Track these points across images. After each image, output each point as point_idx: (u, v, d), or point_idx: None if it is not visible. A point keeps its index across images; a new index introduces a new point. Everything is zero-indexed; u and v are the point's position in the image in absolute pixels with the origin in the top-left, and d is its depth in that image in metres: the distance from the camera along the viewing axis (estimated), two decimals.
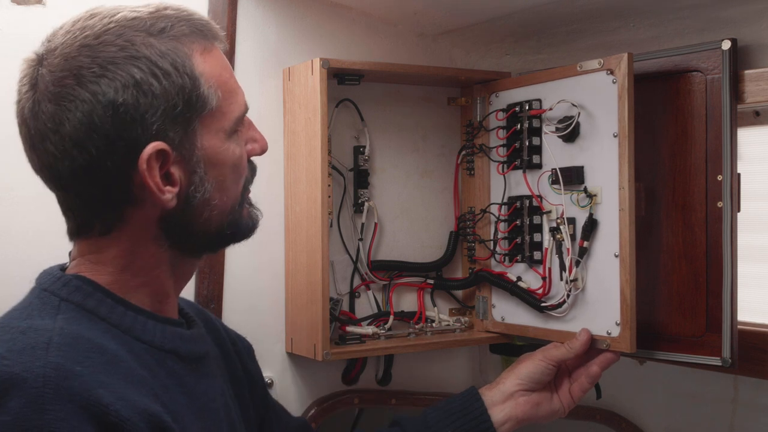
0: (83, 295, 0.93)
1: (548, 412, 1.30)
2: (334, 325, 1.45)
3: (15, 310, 0.94)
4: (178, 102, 0.90)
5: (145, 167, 0.89)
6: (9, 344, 0.83)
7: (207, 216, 0.97)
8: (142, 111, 0.89)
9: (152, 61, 0.89)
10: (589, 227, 1.32)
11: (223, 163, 0.96)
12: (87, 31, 0.90)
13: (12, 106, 1.29)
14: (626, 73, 1.26)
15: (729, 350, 1.24)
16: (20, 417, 0.77)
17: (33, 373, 0.80)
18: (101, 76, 0.88)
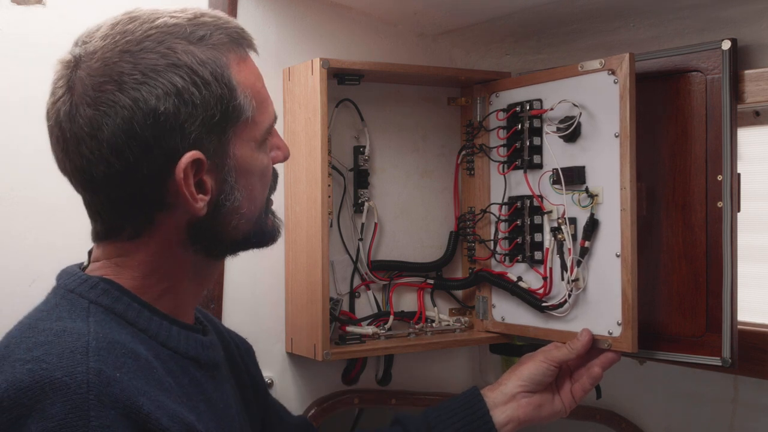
0: (112, 299, 0.92)
1: (550, 413, 1.30)
2: (334, 325, 1.45)
3: (41, 311, 0.92)
4: (216, 112, 0.90)
5: (182, 176, 0.89)
6: (45, 347, 0.82)
7: (235, 224, 0.97)
8: (182, 120, 0.88)
9: (193, 70, 0.89)
10: (591, 227, 1.32)
11: (253, 172, 0.97)
12: (128, 36, 0.90)
13: (12, 106, 1.29)
14: (628, 73, 1.26)
15: (729, 350, 1.24)
16: (65, 423, 0.77)
17: (76, 379, 0.79)
18: (143, 83, 0.87)
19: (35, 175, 1.30)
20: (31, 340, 0.85)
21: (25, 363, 0.81)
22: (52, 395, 0.78)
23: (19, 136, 1.29)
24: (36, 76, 1.29)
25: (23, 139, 1.29)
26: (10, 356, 0.83)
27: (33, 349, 0.83)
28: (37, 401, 0.78)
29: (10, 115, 1.29)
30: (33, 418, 0.77)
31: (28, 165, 1.30)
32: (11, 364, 0.82)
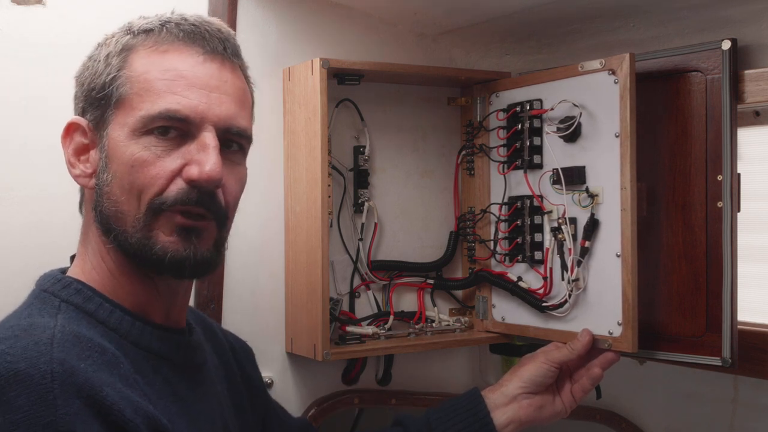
0: (83, 298, 0.93)
1: (551, 414, 1.30)
2: (334, 325, 1.45)
3: (16, 312, 0.95)
4: (95, 86, 0.97)
5: (62, 135, 1.00)
6: (11, 341, 0.83)
7: (112, 211, 0.94)
8: (78, 85, 1.01)
9: (102, 47, 0.99)
10: (591, 227, 1.32)
11: (120, 159, 0.94)
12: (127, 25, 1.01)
13: (12, 106, 1.29)
14: (628, 73, 1.26)
15: (729, 350, 1.24)
16: (32, 414, 0.77)
17: (39, 369, 0.79)
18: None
19: (35, 175, 1.30)
20: (1, 335, 0.85)
21: None
22: (16, 387, 0.78)
23: (19, 136, 1.29)
24: (36, 76, 1.30)
25: (23, 139, 1.29)
26: None
27: (0, 344, 0.83)
28: (2, 393, 0.78)
29: (10, 115, 1.29)
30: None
31: (28, 165, 1.30)
32: None
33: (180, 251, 0.94)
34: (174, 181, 0.93)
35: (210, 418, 1.02)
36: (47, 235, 1.30)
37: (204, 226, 0.96)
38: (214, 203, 0.96)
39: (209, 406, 1.03)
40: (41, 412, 0.77)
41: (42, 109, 1.30)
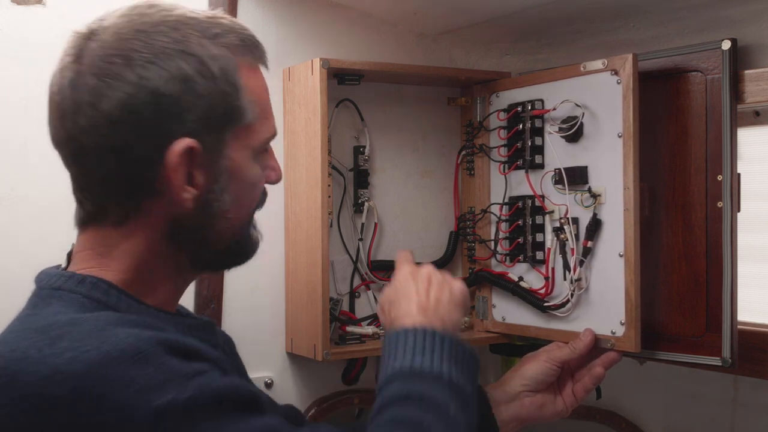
0: (101, 292, 0.92)
1: (552, 413, 1.30)
2: (334, 325, 1.45)
3: (31, 314, 0.90)
4: (218, 107, 0.91)
5: (174, 161, 0.89)
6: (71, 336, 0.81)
7: (219, 228, 0.96)
8: (183, 106, 0.89)
9: (202, 61, 0.90)
10: (593, 227, 1.32)
11: (244, 179, 0.97)
12: (145, 18, 0.91)
13: (12, 106, 1.29)
14: (631, 73, 1.26)
15: (729, 350, 1.24)
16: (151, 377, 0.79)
17: (128, 343, 0.80)
18: (151, 63, 0.88)
19: (35, 175, 1.30)
20: (44, 336, 0.82)
21: (60, 355, 0.79)
22: (118, 365, 0.78)
23: (20, 136, 1.29)
24: (36, 76, 1.30)
25: (23, 139, 1.29)
26: (30, 359, 0.80)
27: (56, 343, 0.81)
28: (104, 377, 0.78)
29: (10, 115, 1.29)
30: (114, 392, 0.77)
31: (28, 165, 1.30)
32: (40, 363, 0.79)
33: (258, 241, 1.04)
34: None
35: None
36: (47, 235, 1.31)
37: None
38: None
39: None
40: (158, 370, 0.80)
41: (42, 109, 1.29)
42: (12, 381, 0.80)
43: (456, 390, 0.96)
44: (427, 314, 1.04)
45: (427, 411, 0.92)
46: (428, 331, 1.00)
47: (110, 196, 0.93)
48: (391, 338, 0.99)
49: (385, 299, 1.08)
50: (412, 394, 0.93)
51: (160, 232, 0.94)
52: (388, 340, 1.00)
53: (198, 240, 0.96)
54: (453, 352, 0.99)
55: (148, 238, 0.94)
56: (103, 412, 0.77)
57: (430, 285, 1.08)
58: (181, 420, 0.78)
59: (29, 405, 0.78)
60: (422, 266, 1.09)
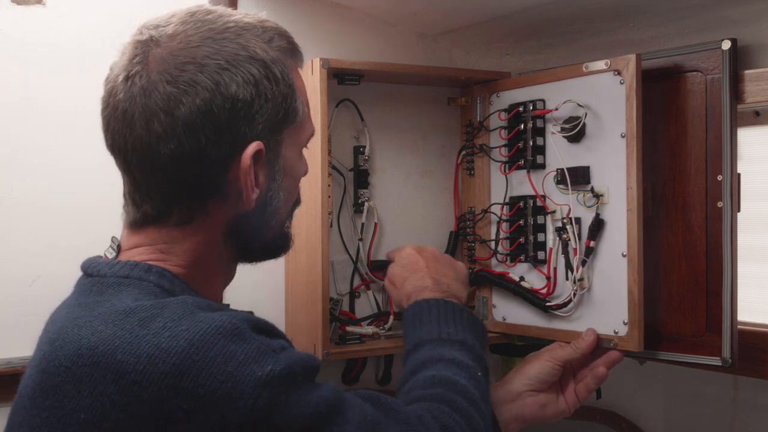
0: (168, 281, 0.93)
1: (554, 413, 1.30)
2: (334, 325, 1.45)
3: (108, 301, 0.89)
4: (280, 109, 0.95)
5: (246, 164, 0.92)
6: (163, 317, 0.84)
7: (273, 224, 1.01)
8: (255, 110, 0.92)
9: (267, 66, 0.94)
10: (596, 227, 1.32)
11: (294, 176, 1.03)
12: (209, 24, 0.93)
13: (12, 106, 1.29)
14: (634, 73, 1.26)
15: (729, 350, 1.24)
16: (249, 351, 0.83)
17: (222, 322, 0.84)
18: (225, 69, 0.91)
19: (35, 175, 1.30)
20: (133, 319, 0.84)
21: (158, 334, 0.82)
22: (216, 341, 0.82)
23: (20, 136, 1.29)
24: (36, 76, 1.30)
25: (24, 139, 1.29)
26: (124, 340, 0.82)
27: (148, 324, 0.83)
28: (207, 352, 0.81)
29: (10, 115, 1.29)
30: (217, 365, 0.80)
31: (28, 165, 1.30)
32: (138, 343, 0.81)
33: (291, 236, 1.09)
34: None
35: None
36: (47, 235, 1.31)
37: None
38: None
39: None
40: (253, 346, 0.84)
41: (42, 109, 1.30)
42: (104, 362, 0.81)
43: (478, 355, 1.11)
44: (442, 288, 1.20)
45: (460, 370, 1.05)
46: (448, 303, 1.15)
47: (178, 199, 0.94)
48: (415, 309, 1.13)
49: (396, 275, 1.22)
50: (444, 356, 1.07)
51: (220, 230, 0.97)
52: (412, 311, 1.14)
53: (254, 236, 1.00)
54: (470, 322, 1.14)
55: (209, 235, 0.97)
56: (211, 382, 0.80)
57: (438, 262, 1.24)
58: (277, 389, 0.82)
59: (130, 382, 0.80)
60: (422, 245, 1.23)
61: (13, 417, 0.89)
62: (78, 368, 0.82)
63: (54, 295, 0.98)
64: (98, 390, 0.81)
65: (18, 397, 0.90)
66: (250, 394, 0.80)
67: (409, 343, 1.12)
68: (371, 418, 0.90)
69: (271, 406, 0.81)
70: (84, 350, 0.83)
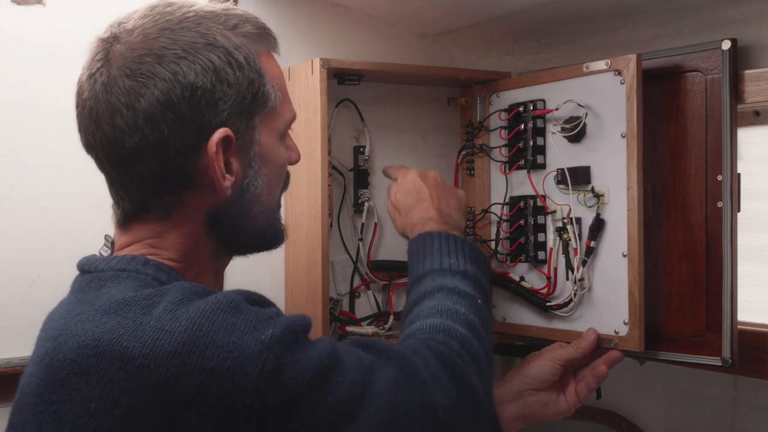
0: (166, 274, 0.94)
1: (555, 412, 1.30)
2: (334, 325, 1.45)
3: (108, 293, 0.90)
4: (247, 94, 0.95)
5: (213, 151, 0.92)
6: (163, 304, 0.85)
7: (256, 212, 1.01)
8: (217, 97, 0.92)
9: (229, 51, 0.94)
10: (596, 227, 1.32)
11: (274, 162, 1.02)
12: (167, 16, 0.94)
13: (12, 106, 1.29)
14: (635, 73, 1.26)
15: (729, 350, 1.24)
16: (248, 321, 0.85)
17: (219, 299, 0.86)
18: (182, 58, 0.91)
19: (35, 175, 1.30)
20: (134, 307, 0.85)
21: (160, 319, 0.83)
22: (216, 317, 0.84)
23: (20, 135, 1.29)
24: (36, 76, 1.30)
25: (23, 138, 1.29)
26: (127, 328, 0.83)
27: (149, 311, 0.85)
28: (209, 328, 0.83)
29: (10, 114, 1.29)
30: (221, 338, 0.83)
31: (28, 165, 1.30)
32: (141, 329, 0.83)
33: (284, 229, 1.09)
34: None
35: None
36: (48, 235, 1.31)
37: None
38: None
39: None
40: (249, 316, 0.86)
41: (42, 109, 1.30)
42: (109, 350, 0.82)
43: (480, 284, 1.16)
44: (445, 219, 1.24)
45: (460, 299, 1.10)
46: (451, 236, 1.19)
47: (152, 192, 0.95)
48: (419, 242, 1.18)
49: (401, 201, 1.26)
50: (446, 286, 1.12)
51: (201, 222, 0.98)
52: (416, 243, 1.19)
53: (236, 226, 1.00)
54: (472, 254, 1.18)
55: (192, 227, 0.97)
56: (219, 354, 0.82)
57: (442, 191, 1.28)
58: (281, 350, 0.84)
59: (138, 367, 0.81)
60: (422, 171, 1.27)
61: (16, 416, 0.89)
62: (84, 359, 0.83)
63: (54, 295, 0.98)
64: (106, 378, 0.81)
65: (20, 395, 0.90)
66: (258, 357, 0.82)
67: (413, 275, 1.17)
68: (367, 362, 0.93)
69: (280, 366, 0.83)
70: (89, 341, 0.84)
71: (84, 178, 1.35)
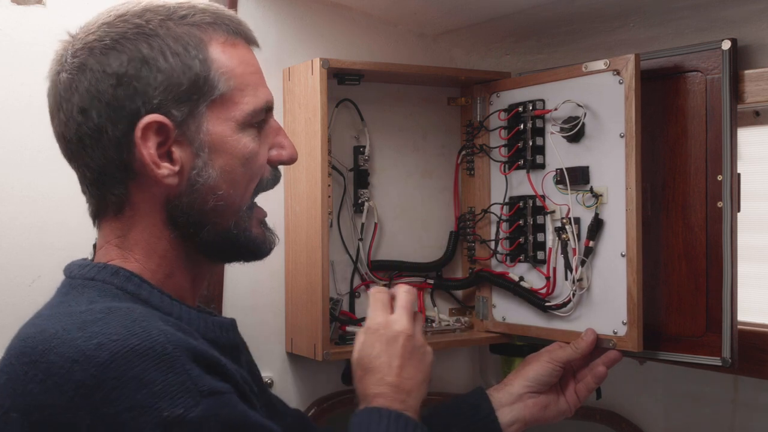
0: (135, 285, 0.94)
1: (555, 414, 1.30)
2: (334, 325, 1.45)
3: (63, 303, 0.92)
4: (183, 81, 0.93)
5: (139, 136, 0.92)
6: (100, 323, 0.82)
7: (213, 206, 0.97)
8: (144, 84, 0.92)
9: (163, 41, 0.93)
10: (595, 227, 1.32)
11: (232, 153, 0.97)
12: (113, 11, 0.96)
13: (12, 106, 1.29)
14: (633, 73, 1.26)
15: (729, 350, 1.24)
16: (169, 383, 0.79)
17: (156, 341, 0.80)
18: (111, 49, 0.93)
19: (35, 174, 1.30)
20: (77, 320, 0.84)
21: (89, 340, 0.80)
22: (140, 362, 0.79)
23: (20, 135, 1.29)
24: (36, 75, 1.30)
25: (24, 138, 1.29)
26: (61, 339, 0.82)
27: (86, 327, 0.82)
28: (126, 371, 0.78)
29: (10, 114, 1.29)
30: (130, 388, 0.78)
31: (28, 164, 1.30)
32: (69, 345, 0.81)
33: (272, 240, 1.05)
34: (266, 167, 1.02)
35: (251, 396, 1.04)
36: (48, 234, 1.31)
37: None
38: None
39: (250, 386, 1.05)
40: (177, 378, 0.79)
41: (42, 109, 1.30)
42: (39, 360, 0.81)
43: None
44: (400, 394, 1.04)
45: None
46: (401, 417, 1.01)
47: (102, 186, 0.96)
48: (364, 416, 1.02)
49: (360, 360, 1.06)
50: None
51: (158, 217, 0.97)
52: (361, 416, 1.03)
53: (194, 220, 0.97)
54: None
55: (149, 221, 0.97)
56: (118, 405, 0.78)
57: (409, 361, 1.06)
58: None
59: (53, 384, 0.79)
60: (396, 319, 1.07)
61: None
62: (19, 366, 0.83)
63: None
64: (28, 389, 0.81)
65: None
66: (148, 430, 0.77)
67: None
68: None
69: None
70: (28, 348, 0.83)
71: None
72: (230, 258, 1.05)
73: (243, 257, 1.04)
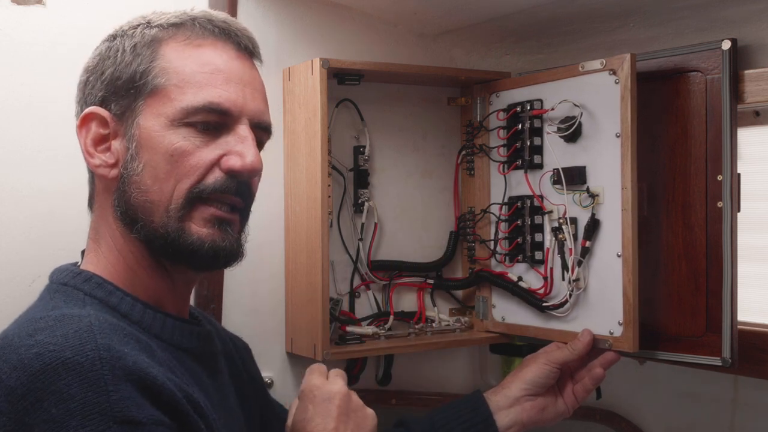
0: (105, 292, 0.94)
1: (554, 415, 1.30)
2: (334, 325, 1.45)
3: (35, 305, 0.94)
4: (122, 75, 0.97)
5: (78, 125, 0.98)
6: (48, 331, 0.82)
7: (140, 201, 0.95)
8: (95, 78, 0.99)
9: (118, 42, 0.99)
10: (592, 227, 1.32)
11: (156, 149, 0.95)
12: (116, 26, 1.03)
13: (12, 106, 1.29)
14: (629, 73, 1.26)
15: (729, 350, 1.24)
16: (85, 401, 0.77)
17: (87, 356, 0.79)
18: (95, 49, 1.02)
19: (36, 175, 1.30)
20: (31, 327, 0.84)
21: (30, 348, 0.80)
22: (66, 376, 0.77)
23: (20, 135, 1.29)
24: (36, 75, 1.30)
25: (24, 138, 1.29)
26: (11, 345, 0.82)
27: (35, 335, 0.82)
28: (52, 383, 0.77)
29: (10, 114, 1.29)
30: (50, 402, 0.77)
31: (28, 165, 1.30)
32: (15, 351, 0.81)
33: (218, 242, 0.97)
34: (212, 171, 0.96)
35: (229, 407, 1.03)
36: (48, 235, 1.31)
37: (234, 219, 0.99)
38: (250, 194, 1.01)
39: (226, 395, 1.04)
40: (95, 398, 0.77)
41: (42, 109, 1.30)
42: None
43: None
44: None
45: None
46: None
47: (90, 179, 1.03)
48: None
49: (292, 430, 1.00)
50: None
51: (110, 211, 0.98)
52: None
53: (129, 217, 0.96)
54: None
55: (109, 219, 0.99)
56: (36, 417, 0.77)
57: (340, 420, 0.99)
58: None
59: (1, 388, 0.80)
60: (332, 381, 1.03)
61: None
62: None
63: None
64: None
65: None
66: None
67: None
68: None
69: None
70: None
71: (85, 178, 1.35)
72: (173, 260, 0.98)
73: (182, 260, 0.97)
